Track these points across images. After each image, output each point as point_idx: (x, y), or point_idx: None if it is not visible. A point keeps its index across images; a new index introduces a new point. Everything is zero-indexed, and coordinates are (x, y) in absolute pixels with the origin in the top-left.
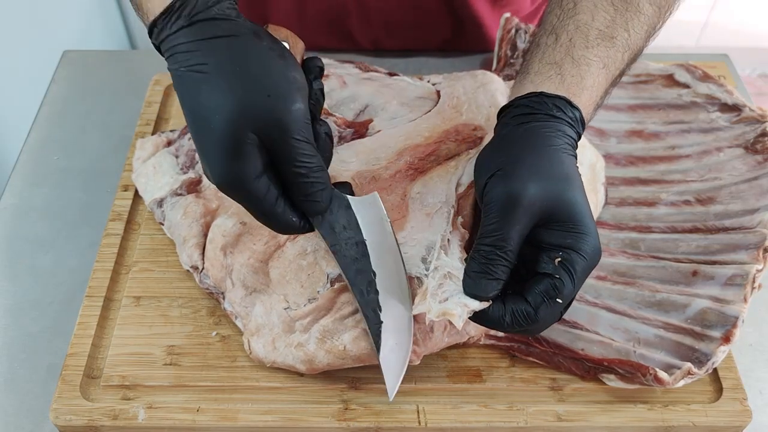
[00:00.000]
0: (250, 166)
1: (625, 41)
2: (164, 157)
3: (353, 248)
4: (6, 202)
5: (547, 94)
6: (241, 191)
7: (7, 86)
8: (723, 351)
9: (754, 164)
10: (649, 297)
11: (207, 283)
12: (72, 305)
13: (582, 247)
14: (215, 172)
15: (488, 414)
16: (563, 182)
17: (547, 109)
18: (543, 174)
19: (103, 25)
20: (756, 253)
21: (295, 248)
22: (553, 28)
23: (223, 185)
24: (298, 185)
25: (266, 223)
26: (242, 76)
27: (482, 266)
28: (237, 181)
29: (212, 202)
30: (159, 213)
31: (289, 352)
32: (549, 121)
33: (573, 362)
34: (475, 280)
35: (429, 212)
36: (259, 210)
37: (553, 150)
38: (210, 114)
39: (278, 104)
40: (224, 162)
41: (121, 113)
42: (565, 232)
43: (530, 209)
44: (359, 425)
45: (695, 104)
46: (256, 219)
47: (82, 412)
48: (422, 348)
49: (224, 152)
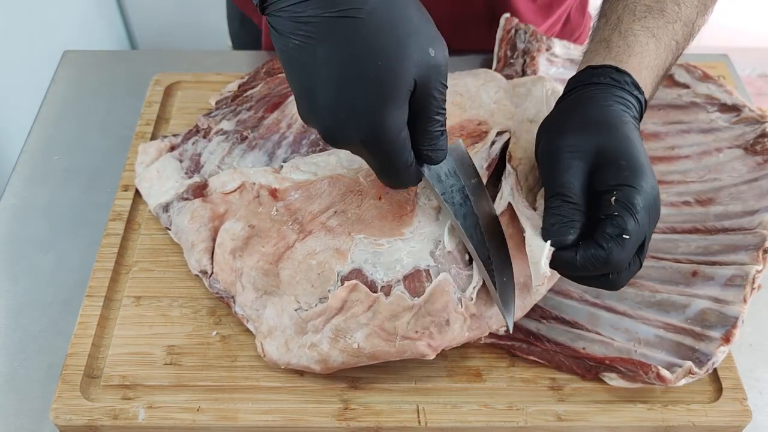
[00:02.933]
0: (403, 115)
1: (675, 13)
2: (168, 161)
3: (457, 194)
4: (6, 202)
5: (593, 65)
6: (385, 144)
7: (7, 86)
8: (723, 351)
9: (753, 165)
10: (649, 297)
11: (217, 287)
12: (72, 305)
13: (634, 181)
14: (363, 122)
15: (488, 414)
16: (609, 128)
17: (593, 79)
18: (587, 123)
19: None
20: (756, 254)
21: (305, 248)
22: (603, 12)
23: (370, 137)
24: (431, 133)
25: (389, 177)
26: (403, 21)
27: (554, 216)
28: (387, 133)
29: (220, 206)
30: (165, 218)
31: (303, 352)
32: (595, 86)
33: (574, 361)
34: (550, 230)
35: (436, 206)
36: (395, 164)
37: (597, 105)
38: (371, 55)
39: (437, 49)
40: (380, 112)
41: (121, 113)
42: (617, 172)
43: (577, 153)
44: (359, 425)
45: (695, 104)
46: (380, 173)
47: (82, 411)
48: (438, 341)
49: (384, 101)
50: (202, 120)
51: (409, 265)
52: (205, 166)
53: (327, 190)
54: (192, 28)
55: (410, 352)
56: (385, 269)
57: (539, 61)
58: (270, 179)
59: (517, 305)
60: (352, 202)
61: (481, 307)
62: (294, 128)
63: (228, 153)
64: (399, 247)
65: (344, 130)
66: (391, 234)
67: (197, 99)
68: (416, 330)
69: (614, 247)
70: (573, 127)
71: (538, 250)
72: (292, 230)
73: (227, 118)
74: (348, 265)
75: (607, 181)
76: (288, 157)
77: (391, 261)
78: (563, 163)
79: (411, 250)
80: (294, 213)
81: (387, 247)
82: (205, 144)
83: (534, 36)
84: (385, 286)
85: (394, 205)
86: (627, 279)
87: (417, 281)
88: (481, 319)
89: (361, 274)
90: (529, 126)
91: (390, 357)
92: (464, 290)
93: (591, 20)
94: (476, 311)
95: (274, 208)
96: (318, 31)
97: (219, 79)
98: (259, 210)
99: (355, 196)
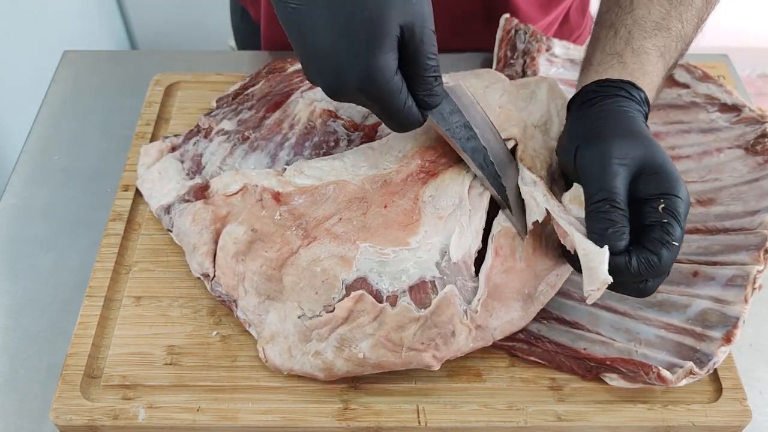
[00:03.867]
0: (393, 61)
1: (678, 32)
2: (169, 162)
3: (462, 130)
4: (6, 202)
5: (612, 79)
6: (380, 88)
7: (7, 86)
8: (724, 351)
9: (754, 165)
10: (650, 297)
11: (219, 290)
12: (72, 305)
13: (679, 191)
14: (357, 68)
15: (488, 414)
16: (647, 140)
17: (615, 92)
18: (627, 133)
19: (103, 25)
20: (756, 254)
21: (309, 255)
22: (611, 23)
23: (365, 82)
24: (425, 79)
25: (392, 121)
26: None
27: (604, 221)
28: (380, 76)
29: (222, 209)
30: (167, 219)
31: (307, 360)
32: (619, 99)
33: (575, 362)
34: (602, 235)
35: (442, 215)
36: (393, 107)
37: (630, 117)
38: (357, 7)
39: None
40: (370, 56)
41: (121, 113)
42: (660, 181)
43: (624, 160)
44: (359, 425)
45: (695, 104)
46: (382, 117)
47: (83, 411)
48: (444, 353)
49: (373, 45)
50: (203, 119)
51: (415, 276)
52: (206, 167)
53: (332, 196)
54: (192, 28)
55: (416, 363)
56: (390, 279)
57: (539, 61)
58: (273, 182)
59: (520, 315)
60: (357, 209)
61: (487, 318)
62: (296, 129)
63: (229, 153)
64: (405, 257)
65: (342, 78)
66: (396, 243)
67: (197, 99)
68: (422, 341)
69: (665, 253)
70: (614, 135)
71: (594, 255)
72: (296, 236)
73: (228, 117)
74: (353, 273)
75: (651, 190)
76: (291, 159)
77: (397, 271)
78: (611, 169)
79: (417, 260)
80: (298, 218)
81: (393, 256)
82: (206, 144)
83: (534, 36)
84: (390, 296)
85: (400, 214)
86: (659, 285)
87: (423, 292)
88: (486, 330)
89: (366, 283)
90: (534, 132)
91: (395, 367)
92: (470, 302)
93: (591, 21)
94: (482, 322)
95: (278, 212)
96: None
97: (219, 79)
98: (262, 214)
99: (360, 203)
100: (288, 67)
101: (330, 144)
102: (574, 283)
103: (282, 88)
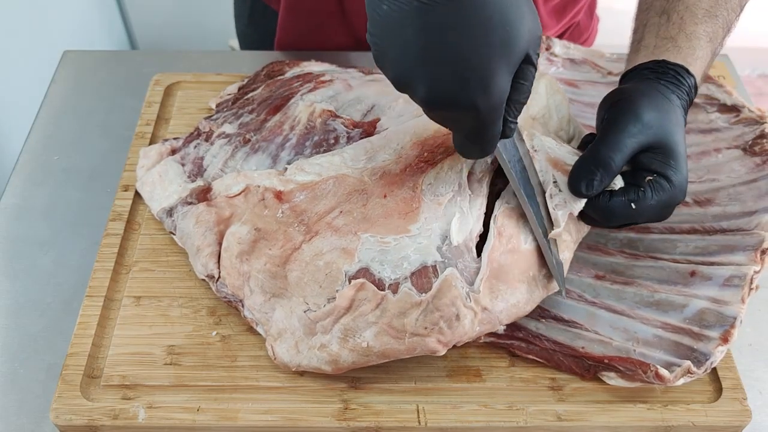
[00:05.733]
0: (509, 84)
1: (725, 19)
2: (170, 165)
3: (518, 164)
4: (6, 202)
5: (669, 61)
6: (494, 108)
7: (7, 86)
8: (721, 351)
9: (752, 166)
10: (648, 297)
11: (224, 291)
12: (72, 305)
13: (673, 179)
14: (493, 86)
15: (488, 414)
16: (673, 124)
17: (668, 74)
18: (659, 110)
19: (103, 25)
20: (754, 254)
21: (312, 249)
22: (663, 10)
23: (484, 100)
24: (520, 104)
25: (479, 144)
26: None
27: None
28: (499, 97)
29: (225, 210)
30: (169, 222)
31: (313, 354)
32: (668, 83)
33: (573, 360)
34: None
35: (441, 202)
36: (493, 130)
37: (668, 102)
38: (510, 28)
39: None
40: (500, 75)
41: (121, 113)
42: (664, 163)
43: (645, 129)
44: (359, 425)
45: (694, 104)
46: (469, 138)
47: (83, 411)
48: (449, 337)
49: (509, 69)
50: (203, 123)
51: (417, 262)
52: (208, 170)
53: (332, 190)
54: (192, 28)
55: (420, 349)
56: (392, 267)
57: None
58: (274, 182)
59: (526, 299)
60: (357, 201)
61: (492, 300)
62: (297, 130)
63: (231, 156)
64: (406, 244)
65: (459, 90)
66: (397, 231)
67: (197, 99)
68: (425, 326)
69: (617, 203)
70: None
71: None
72: (299, 232)
73: (229, 121)
74: (355, 264)
75: (650, 165)
76: (292, 159)
77: (398, 258)
78: (631, 129)
79: (418, 246)
80: (300, 214)
81: (394, 244)
82: (208, 147)
83: None
84: (392, 283)
85: (400, 203)
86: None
87: (424, 277)
88: (491, 313)
89: (369, 273)
90: (534, 123)
91: (400, 355)
92: (472, 284)
93: (597, 22)
94: (486, 304)
95: (280, 210)
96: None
97: (219, 79)
98: (265, 213)
99: (360, 195)
100: (287, 71)
101: (330, 142)
102: (573, 282)
103: (282, 92)
